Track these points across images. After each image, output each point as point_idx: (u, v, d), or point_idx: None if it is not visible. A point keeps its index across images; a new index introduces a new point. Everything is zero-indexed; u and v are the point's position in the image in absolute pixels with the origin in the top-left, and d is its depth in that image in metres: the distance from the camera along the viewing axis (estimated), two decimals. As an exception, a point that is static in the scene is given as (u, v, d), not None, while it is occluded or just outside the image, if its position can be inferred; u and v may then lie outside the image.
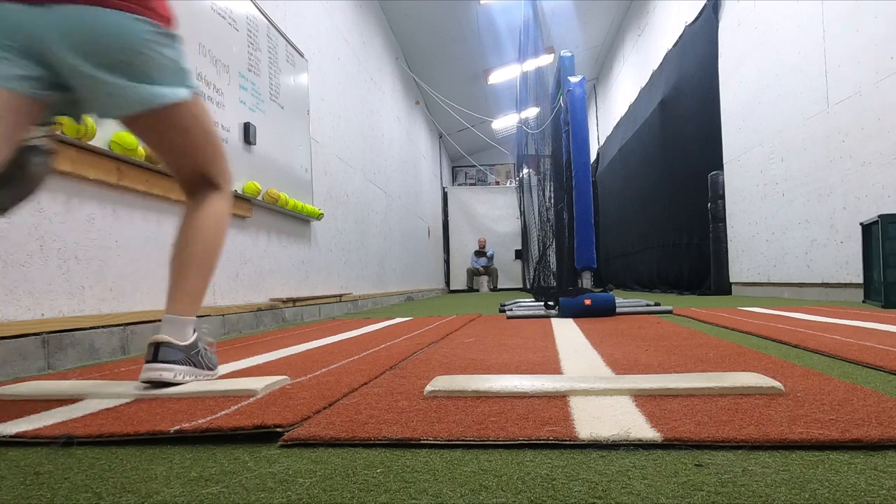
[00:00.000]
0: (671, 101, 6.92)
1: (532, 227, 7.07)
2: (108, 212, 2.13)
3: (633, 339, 1.91)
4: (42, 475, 0.70)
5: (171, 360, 1.18)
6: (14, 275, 1.71)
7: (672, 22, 7.01)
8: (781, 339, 1.75)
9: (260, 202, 3.34)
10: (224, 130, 2.94)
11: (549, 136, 4.86)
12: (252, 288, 3.31)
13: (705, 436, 0.73)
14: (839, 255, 3.89)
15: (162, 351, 1.17)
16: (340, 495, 0.60)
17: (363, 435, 0.79)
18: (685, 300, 4.90)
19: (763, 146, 4.91)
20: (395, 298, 7.32)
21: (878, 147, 3.48)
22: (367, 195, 6.26)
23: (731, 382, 0.99)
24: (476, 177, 16.08)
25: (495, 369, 1.36)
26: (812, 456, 0.67)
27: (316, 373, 1.36)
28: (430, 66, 9.57)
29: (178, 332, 1.21)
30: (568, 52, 4.07)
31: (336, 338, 2.32)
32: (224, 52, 3.00)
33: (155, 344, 1.17)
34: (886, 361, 1.25)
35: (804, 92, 4.23)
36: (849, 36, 3.71)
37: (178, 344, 1.20)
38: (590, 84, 12.01)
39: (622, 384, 1.02)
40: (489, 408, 0.92)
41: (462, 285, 13.38)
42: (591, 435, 0.74)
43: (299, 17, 4.37)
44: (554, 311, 3.40)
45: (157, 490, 0.64)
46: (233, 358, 1.76)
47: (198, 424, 0.86)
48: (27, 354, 1.69)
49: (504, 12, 8.13)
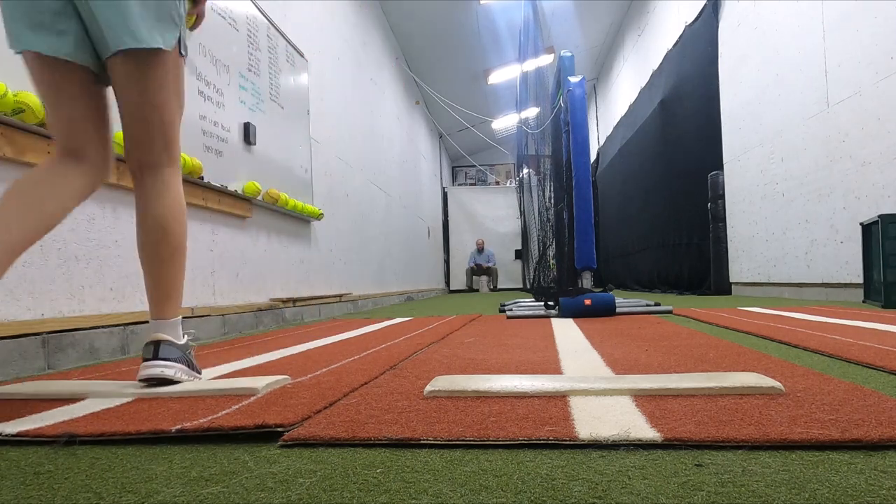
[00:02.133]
0: (671, 101, 6.92)
1: (532, 227, 7.07)
2: (108, 212, 2.13)
3: (634, 339, 1.91)
4: (42, 475, 0.70)
5: (171, 357, 1.19)
6: (14, 275, 1.71)
7: (672, 22, 7.01)
8: (781, 339, 1.75)
9: (260, 202, 3.34)
10: (224, 130, 2.94)
11: (549, 136, 4.86)
12: (252, 288, 3.31)
13: (705, 436, 0.73)
14: (839, 255, 3.89)
15: (162, 348, 1.18)
16: (340, 495, 0.60)
17: (363, 435, 0.79)
18: (685, 300, 4.90)
19: (763, 146, 4.91)
20: (395, 298, 7.32)
21: (878, 147, 3.48)
22: (367, 195, 6.26)
23: (731, 382, 0.99)
24: (476, 177, 16.08)
25: (495, 369, 1.36)
26: (812, 456, 0.67)
27: (316, 373, 1.36)
28: (430, 66, 9.57)
29: (172, 331, 1.22)
30: (568, 52, 4.07)
31: (336, 338, 2.32)
32: (224, 51, 3.00)
33: (154, 342, 1.18)
34: (886, 361, 1.25)
35: (804, 92, 4.23)
36: (849, 36, 3.71)
37: (176, 342, 1.21)
38: (590, 84, 12.01)
39: (622, 384, 1.02)
40: (489, 408, 0.92)
41: (462, 285, 13.38)
42: (591, 435, 0.74)
43: (299, 17, 4.37)
44: (554, 311, 3.40)
45: (158, 490, 0.64)
46: (233, 358, 1.76)
47: (199, 424, 0.86)
48: (27, 354, 1.69)
49: (504, 12, 8.13)
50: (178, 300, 1.25)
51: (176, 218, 1.23)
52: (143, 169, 1.23)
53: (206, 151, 2.75)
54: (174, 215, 1.23)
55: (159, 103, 1.20)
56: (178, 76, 1.24)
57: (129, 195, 2.25)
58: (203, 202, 2.75)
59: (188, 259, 2.62)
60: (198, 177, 2.62)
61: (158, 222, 1.21)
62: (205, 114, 2.77)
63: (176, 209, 1.23)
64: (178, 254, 1.24)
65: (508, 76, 10.24)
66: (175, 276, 1.24)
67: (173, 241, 1.22)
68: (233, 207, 3.04)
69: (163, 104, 1.21)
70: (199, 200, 2.72)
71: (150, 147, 1.22)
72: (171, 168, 1.25)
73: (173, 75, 1.21)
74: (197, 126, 2.70)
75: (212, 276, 2.86)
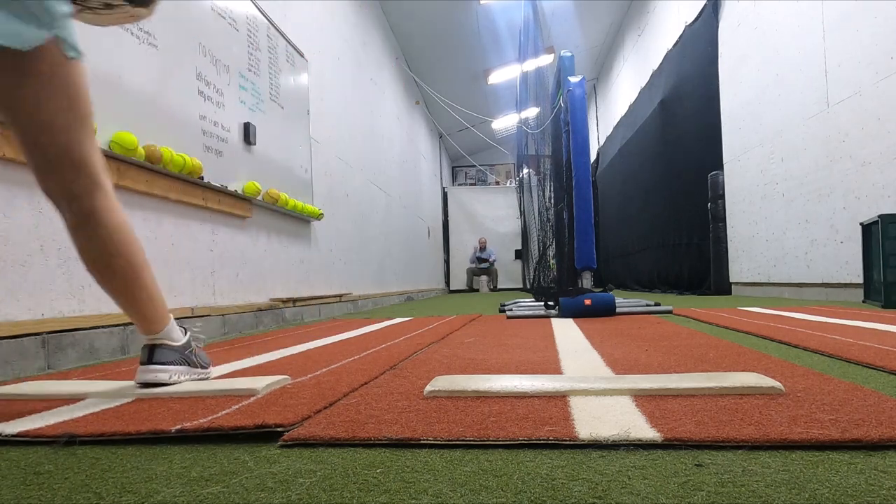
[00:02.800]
0: (671, 101, 6.92)
1: (532, 227, 7.07)
2: (108, 212, 2.13)
3: (634, 339, 1.91)
4: (42, 475, 0.70)
5: (166, 361, 1.18)
6: (14, 275, 1.71)
7: (672, 22, 7.01)
8: (781, 339, 1.75)
9: (260, 202, 3.34)
10: (224, 130, 2.94)
11: (549, 136, 4.86)
12: (252, 288, 3.31)
13: (705, 436, 0.73)
14: (839, 255, 3.89)
15: (157, 352, 1.17)
16: (340, 495, 0.60)
17: (363, 435, 0.79)
18: (685, 300, 4.90)
19: (763, 146, 4.90)
20: (395, 298, 7.32)
21: (878, 147, 3.48)
22: (367, 195, 6.26)
23: (731, 382, 0.99)
24: (476, 177, 16.08)
25: (495, 369, 1.36)
26: (812, 456, 0.67)
27: (316, 373, 1.36)
28: (430, 66, 9.57)
29: (167, 335, 1.19)
30: (568, 52, 4.07)
31: (336, 338, 2.32)
32: (224, 52, 3.00)
33: (149, 346, 1.17)
34: (886, 361, 1.25)
35: (804, 92, 4.23)
36: (849, 36, 3.71)
37: (172, 344, 1.19)
38: (590, 84, 12.01)
39: (622, 384, 1.02)
40: (489, 408, 0.92)
41: (462, 285, 13.38)
42: (591, 435, 0.75)
43: (299, 17, 4.37)
44: (554, 311, 3.39)
45: (157, 490, 0.64)
46: (233, 358, 1.76)
47: (199, 424, 0.86)
48: (27, 354, 1.69)
49: (504, 12, 8.13)
50: (160, 310, 1.17)
51: (119, 251, 1.07)
52: (59, 201, 1.04)
53: (206, 151, 2.75)
54: (115, 249, 1.07)
55: (45, 121, 0.98)
56: (70, 83, 1.00)
57: (129, 195, 2.25)
58: (203, 202, 2.75)
59: (188, 259, 2.63)
60: (198, 177, 2.62)
61: (103, 260, 1.07)
62: (205, 114, 2.77)
63: (116, 241, 1.07)
64: (138, 275, 1.11)
65: (508, 76, 10.24)
66: (146, 294, 1.13)
67: (127, 270, 1.09)
68: (233, 207, 3.04)
69: (51, 121, 0.98)
70: (199, 200, 2.72)
71: (55, 175, 1.01)
72: (93, 196, 1.04)
73: (60, 82, 0.98)
74: (197, 126, 2.70)
75: (212, 276, 2.86)
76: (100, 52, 2.06)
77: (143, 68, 2.31)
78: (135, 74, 2.26)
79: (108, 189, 1.08)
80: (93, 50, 2.03)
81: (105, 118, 2.04)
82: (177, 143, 2.48)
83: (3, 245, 1.68)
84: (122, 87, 2.18)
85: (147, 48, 2.35)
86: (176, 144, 2.46)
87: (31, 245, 1.77)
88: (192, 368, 1.24)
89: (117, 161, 2.14)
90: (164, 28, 2.46)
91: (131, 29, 2.25)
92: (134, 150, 2.13)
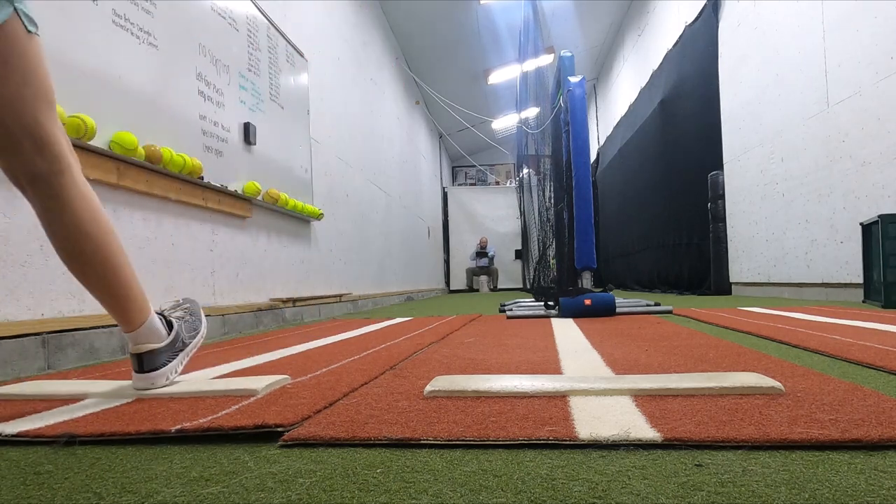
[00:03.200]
0: (671, 101, 6.92)
1: (532, 227, 7.07)
2: (107, 212, 2.12)
3: (634, 339, 1.91)
4: (42, 475, 0.70)
5: (157, 365, 1.16)
6: (14, 275, 1.71)
7: (672, 22, 7.01)
8: (781, 339, 1.75)
9: (260, 202, 3.34)
10: (224, 130, 2.94)
11: (549, 136, 4.86)
12: (252, 288, 3.31)
13: (705, 436, 0.73)
14: (839, 255, 3.89)
15: (146, 361, 1.14)
16: (340, 495, 0.60)
17: (363, 435, 0.79)
18: (685, 300, 4.90)
19: (763, 146, 4.90)
20: (395, 298, 7.32)
21: (878, 147, 3.48)
22: (367, 195, 6.26)
23: (731, 382, 0.99)
24: (476, 177, 16.08)
25: (495, 369, 1.36)
26: (812, 456, 0.67)
27: (316, 373, 1.36)
28: (430, 66, 9.57)
29: (149, 335, 1.15)
30: (568, 52, 4.07)
31: (336, 338, 2.32)
32: (224, 52, 3.00)
33: (136, 355, 1.14)
34: (886, 361, 1.25)
35: (804, 92, 4.23)
36: (849, 36, 3.71)
37: (158, 347, 1.16)
38: (590, 84, 12.01)
39: (622, 384, 1.02)
40: (489, 408, 0.92)
41: (462, 285, 13.38)
42: (591, 435, 0.74)
43: (299, 17, 4.37)
44: (554, 311, 3.39)
45: (157, 490, 0.64)
46: (233, 358, 1.76)
47: (199, 424, 0.86)
48: (27, 354, 1.69)
49: (504, 12, 8.14)
50: (139, 303, 1.13)
51: (88, 234, 1.03)
52: (23, 184, 1.01)
53: (206, 151, 2.75)
54: (85, 232, 1.03)
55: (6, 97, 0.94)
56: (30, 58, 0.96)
57: (129, 196, 2.25)
58: (203, 202, 2.75)
59: (188, 259, 2.63)
60: (198, 177, 2.62)
61: (72, 245, 1.03)
62: (205, 114, 2.77)
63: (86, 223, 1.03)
64: (110, 260, 1.07)
65: (508, 76, 10.24)
66: (122, 283, 1.09)
67: (98, 255, 1.05)
68: (233, 207, 3.04)
69: (11, 98, 0.94)
70: (199, 200, 2.72)
71: (17, 156, 0.98)
72: (59, 176, 1.01)
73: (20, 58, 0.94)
74: (197, 126, 2.70)
75: (212, 276, 2.86)
76: (99, 53, 2.06)
77: (143, 68, 2.31)
78: (135, 74, 2.26)
79: (75, 169, 1.04)
80: (93, 50, 2.03)
81: (105, 118, 2.04)
82: (177, 143, 2.48)
83: (3, 245, 1.68)
84: (121, 87, 2.18)
85: (147, 48, 2.35)
86: (176, 144, 2.46)
87: (31, 245, 1.77)
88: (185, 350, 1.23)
89: (117, 161, 2.14)
90: (164, 28, 2.46)
91: (131, 29, 2.25)
92: (134, 151, 2.13)
